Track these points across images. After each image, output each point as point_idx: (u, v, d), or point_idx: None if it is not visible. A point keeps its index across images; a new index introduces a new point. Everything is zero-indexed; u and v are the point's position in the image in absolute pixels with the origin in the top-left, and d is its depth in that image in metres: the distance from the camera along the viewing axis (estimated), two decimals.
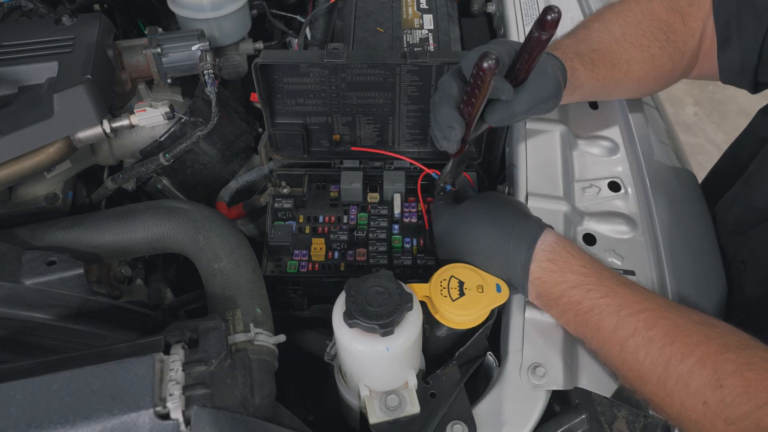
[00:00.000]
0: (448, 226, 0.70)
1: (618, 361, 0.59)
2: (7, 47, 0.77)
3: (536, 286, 0.64)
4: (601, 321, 0.60)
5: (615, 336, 0.59)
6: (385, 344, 0.55)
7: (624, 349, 0.58)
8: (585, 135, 0.87)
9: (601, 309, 0.60)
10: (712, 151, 2.55)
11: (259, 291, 0.65)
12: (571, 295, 0.62)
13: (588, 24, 0.80)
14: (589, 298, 0.61)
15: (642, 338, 0.57)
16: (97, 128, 0.75)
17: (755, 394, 0.50)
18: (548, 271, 0.63)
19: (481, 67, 0.54)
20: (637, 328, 0.58)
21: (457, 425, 0.60)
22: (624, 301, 0.60)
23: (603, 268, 0.64)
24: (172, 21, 1.04)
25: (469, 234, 0.68)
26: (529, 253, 0.64)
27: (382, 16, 1.00)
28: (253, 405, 0.54)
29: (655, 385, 0.56)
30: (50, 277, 0.62)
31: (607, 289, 0.61)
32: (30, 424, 0.44)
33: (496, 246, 0.65)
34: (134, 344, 0.50)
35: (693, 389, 0.53)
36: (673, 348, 0.55)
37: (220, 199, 0.95)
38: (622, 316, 0.59)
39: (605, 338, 0.60)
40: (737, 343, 0.54)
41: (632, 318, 0.58)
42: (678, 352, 0.55)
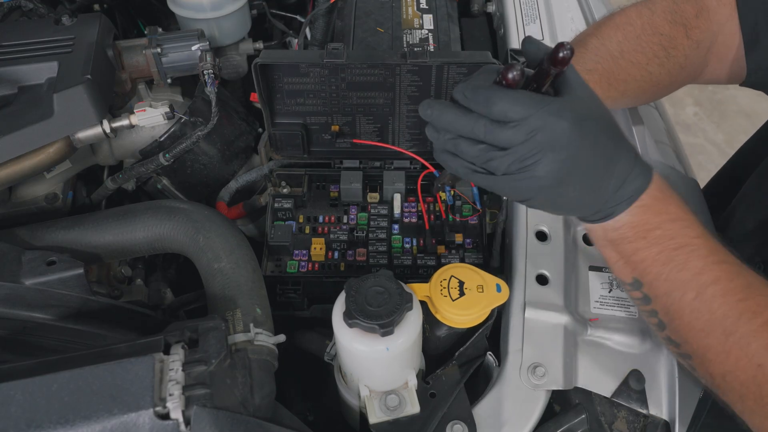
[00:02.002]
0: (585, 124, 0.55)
1: (687, 308, 0.57)
2: (7, 47, 0.77)
3: (632, 214, 0.58)
4: (688, 261, 0.57)
5: (696, 280, 0.56)
6: (385, 344, 0.56)
7: (700, 295, 0.56)
8: None
9: (692, 248, 0.57)
10: (712, 151, 2.55)
11: (259, 291, 0.65)
12: (667, 228, 0.58)
13: (585, 40, 0.77)
14: (684, 234, 0.58)
15: (722, 288, 0.56)
16: (97, 128, 0.75)
17: None
18: (656, 199, 0.59)
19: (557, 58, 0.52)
20: (719, 277, 0.56)
21: (457, 425, 0.60)
22: (712, 247, 0.58)
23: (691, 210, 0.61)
24: (172, 21, 1.04)
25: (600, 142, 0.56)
26: (647, 183, 0.58)
27: (382, 16, 1.00)
28: (253, 405, 0.54)
29: (717, 338, 0.55)
30: (50, 277, 0.62)
31: (700, 229, 0.59)
32: (30, 424, 0.44)
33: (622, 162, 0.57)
34: (134, 344, 0.50)
35: (753, 349, 0.53)
36: (746, 305, 0.54)
37: (220, 199, 0.95)
38: (710, 261, 0.57)
39: (684, 281, 0.57)
40: None
41: (717, 266, 0.57)
42: (749, 309, 0.54)
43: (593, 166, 0.56)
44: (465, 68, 0.81)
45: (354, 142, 0.89)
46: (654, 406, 0.65)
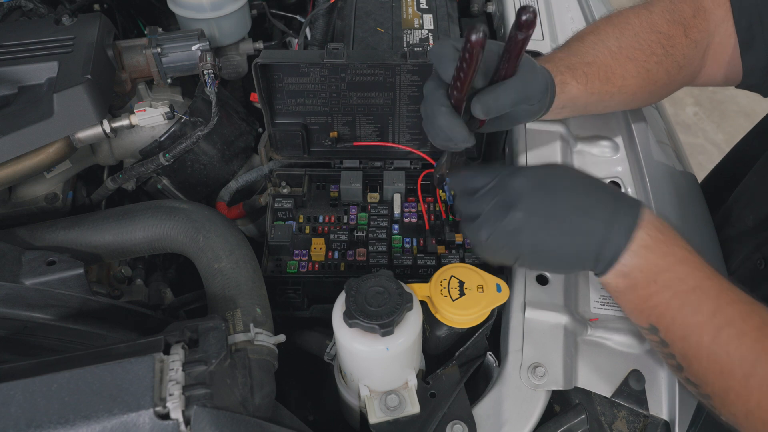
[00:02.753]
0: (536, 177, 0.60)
1: (704, 351, 0.56)
2: (7, 47, 0.77)
3: (638, 256, 0.57)
4: (701, 304, 0.56)
5: (710, 323, 0.55)
6: (385, 344, 0.55)
7: (716, 338, 0.55)
8: (585, 135, 0.87)
9: (703, 291, 0.56)
10: (712, 151, 2.55)
11: (259, 291, 0.65)
12: (676, 271, 0.57)
13: (583, 36, 0.77)
14: (694, 276, 0.57)
15: (736, 330, 0.55)
16: (97, 128, 0.75)
17: None
18: (657, 240, 0.57)
19: (470, 40, 0.54)
20: (733, 318, 0.55)
21: (457, 425, 0.60)
22: (722, 287, 0.57)
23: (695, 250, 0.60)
24: (172, 21, 1.04)
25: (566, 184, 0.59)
26: (635, 218, 0.57)
27: (382, 16, 1.00)
28: (253, 405, 0.54)
29: (738, 380, 0.54)
30: (50, 277, 0.62)
31: (709, 270, 0.58)
32: (30, 424, 0.44)
33: (600, 204, 0.58)
34: (134, 344, 0.50)
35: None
36: (762, 345, 0.54)
37: (220, 199, 0.95)
38: (722, 302, 0.56)
39: (699, 324, 0.56)
40: None
41: (730, 307, 0.56)
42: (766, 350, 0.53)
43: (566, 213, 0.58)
44: None
45: (354, 145, 0.90)
46: (654, 406, 0.65)
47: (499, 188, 0.60)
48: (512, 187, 0.59)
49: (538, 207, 0.58)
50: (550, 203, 0.58)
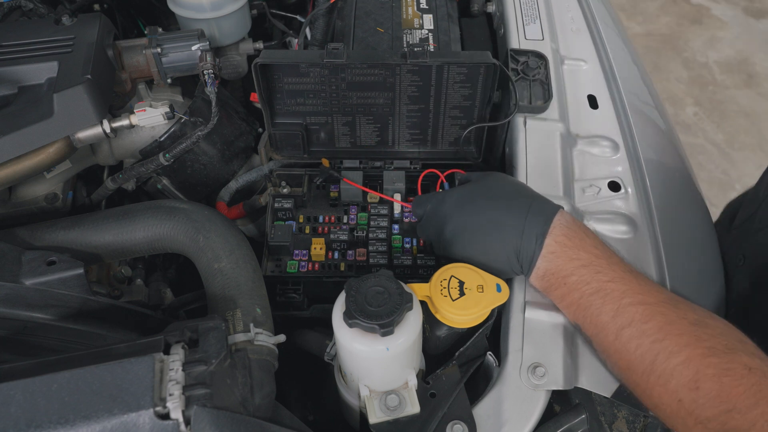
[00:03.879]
0: (460, 199, 0.70)
1: (611, 348, 0.61)
2: (7, 47, 0.77)
3: (547, 261, 0.64)
4: (603, 305, 0.61)
5: (612, 323, 0.60)
6: (385, 344, 0.55)
7: (618, 337, 0.59)
8: (585, 135, 0.87)
9: (605, 293, 0.61)
10: (712, 151, 2.55)
11: (259, 291, 0.65)
12: (580, 274, 0.62)
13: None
14: (597, 279, 0.62)
15: (636, 330, 0.58)
16: (97, 128, 0.75)
17: (727, 399, 0.52)
18: (563, 246, 0.63)
19: None
20: (633, 319, 0.59)
21: (457, 425, 0.60)
22: (628, 288, 0.61)
23: (612, 252, 0.65)
24: (172, 21, 1.04)
25: (482, 203, 0.68)
26: (546, 226, 0.64)
27: (382, 16, 1.00)
28: (253, 405, 0.54)
29: (639, 376, 0.58)
30: (50, 277, 0.62)
31: (614, 274, 0.62)
32: (30, 424, 0.44)
33: (512, 215, 0.65)
34: (134, 344, 0.50)
35: (672, 387, 0.55)
36: (662, 345, 0.57)
37: (220, 199, 0.95)
38: (623, 304, 0.60)
39: (603, 324, 0.61)
40: (724, 346, 0.55)
41: (631, 308, 0.59)
42: (666, 349, 0.56)
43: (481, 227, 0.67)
44: (465, 68, 0.81)
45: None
46: None
47: (433, 214, 0.73)
48: (442, 212, 0.71)
49: (461, 225, 0.68)
50: (470, 220, 0.68)
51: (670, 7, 3.27)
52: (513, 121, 0.85)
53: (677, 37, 3.09)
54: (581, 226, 0.66)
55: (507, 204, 0.67)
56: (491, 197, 0.69)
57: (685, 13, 3.24)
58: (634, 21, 3.18)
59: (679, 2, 3.28)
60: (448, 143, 0.90)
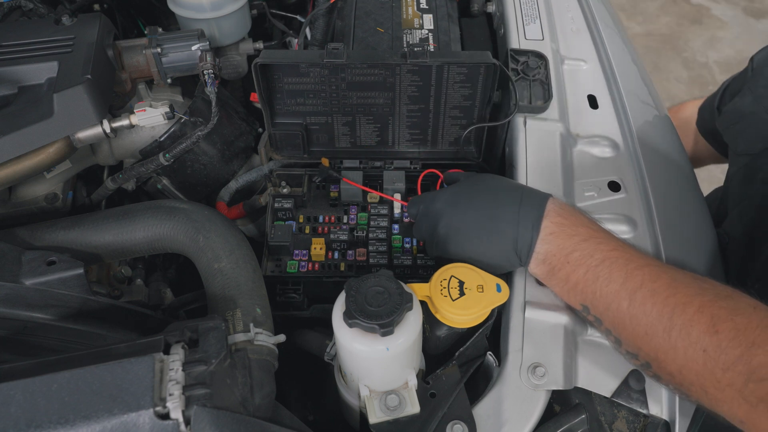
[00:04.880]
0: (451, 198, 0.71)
1: (626, 317, 0.60)
2: (7, 47, 0.77)
3: (547, 242, 0.65)
4: (612, 273, 0.61)
5: (624, 288, 0.60)
6: (385, 344, 0.55)
7: (632, 301, 0.60)
8: (585, 135, 0.87)
9: (611, 261, 0.62)
10: None
11: (259, 291, 0.65)
12: (583, 248, 0.63)
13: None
14: (600, 250, 0.63)
15: (648, 290, 0.59)
16: (97, 128, 0.75)
17: (745, 337, 0.53)
18: (561, 225, 0.65)
19: None
20: (643, 280, 0.60)
21: (457, 425, 0.60)
22: (630, 255, 0.62)
23: (603, 228, 0.67)
24: (172, 21, 1.04)
25: (474, 199, 0.69)
26: (540, 210, 0.65)
27: (382, 16, 1.00)
28: (253, 405, 0.54)
29: (661, 336, 0.58)
30: (50, 277, 0.62)
31: (614, 243, 0.64)
32: (30, 424, 0.44)
33: (506, 206, 0.67)
34: (134, 344, 0.50)
35: (694, 337, 0.55)
36: (675, 299, 0.57)
37: (220, 199, 0.95)
38: (630, 268, 0.61)
39: (615, 292, 0.61)
40: (726, 292, 0.57)
41: (639, 271, 0.60)
42: (680, 302, 0.57)
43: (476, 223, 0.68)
44: (465, 68, 0.81)
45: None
46: (654, 406, 0.65)
47: (424, 214, 0.73)
48: (433, 211, 0.71)
49: (454, 223, 0.69)
50: (463, 218, 0.69)
51: (670, 7, 3.27)
52: (513, 121, 0.85)
53: (677, 37, 3.09)
54: (573, 208, 0.68)
55: (498, 197, 0.68)
56: (482, 192, 0.70)
57: (685, 13, 3.24)
58: (634, 21, 3.18)
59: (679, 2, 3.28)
60: (448, 143, 0.90)
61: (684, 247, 0.77)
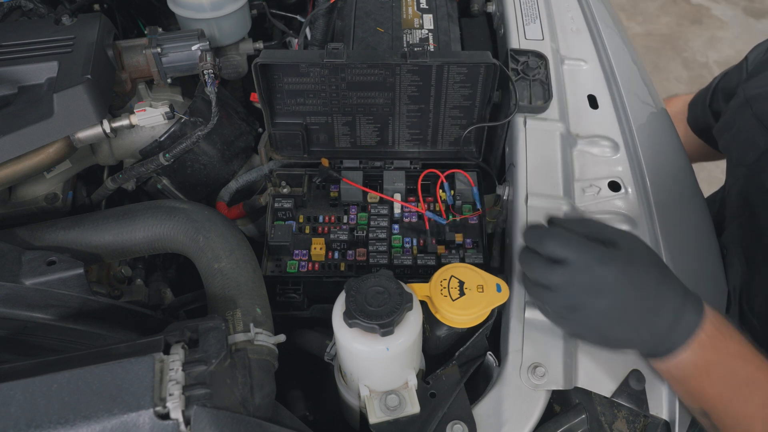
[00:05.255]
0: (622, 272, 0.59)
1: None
2: (7, 47, 0.77)
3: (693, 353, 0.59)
4: (752, 395, 0.59)
5: (761, 413, 0.58)
6: (385, 344, 0.55)
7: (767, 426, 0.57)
8: (585, 135, 0.87)
9: (755, 382, 0.59)
10: None
11: (259, 291, 0.65)
12: (728, 364, 0.60)
13: None
14: (745, 369, 0.60)
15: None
16: (97, 128, 0.75)
17: None
18: (713, 338, 0.60)
19: None
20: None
21: (457, 425, 0.60)
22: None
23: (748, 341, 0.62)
24: (172, 21, 1.04)
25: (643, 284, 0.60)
26: (699, 319, 0.59)
27: (382, 16, 1.00)
28: (253, 405, 0.54)
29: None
30: (50, 277, 0.62)
31: (760, 362, 0.60)
32: (30, 424, 0.44)
33: (668, 303, 0.60)
34: (134, 344, 0.50)
35: None
36: None
37: (220, 199, 0.95)
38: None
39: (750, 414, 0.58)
40: None
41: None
42: None
43: (637, 309, 0.59)
44: (465, 68, 0.81)
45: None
46: (654, 406, 0.65)
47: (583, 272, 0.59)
48: (599, 278, 0.58)
49: (618, 304, 0.59)
50: (630, 301, 0.59)
51: (670, 7, 3.27)
52: (513, 121, 0.85)
53: (677, 37, 3.09)
54: (725, 319, 0.62)
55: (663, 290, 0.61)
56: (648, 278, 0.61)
57: (685, 13, 3.24)
58: (634, 21, 3.18)
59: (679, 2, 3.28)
60: (448, 143, 0.90)
61: (684, 247, 0.77)
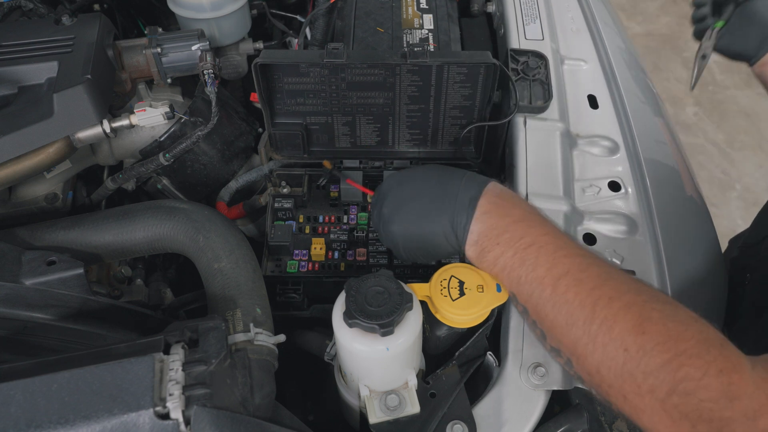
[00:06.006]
0: (397, 177, 0.70)
1: (548, 304, 0.57)
2: (7, 47, 0.77)
3: (481, 222, 0.62)
4: (538, 258, 0.59)
5: (549, 274, 0.57)
6: (385, 344, 0.55)
7: (555, 289, 0.57)
8: (585, 135, 0.87)
9: (540, 246, 0.59)
10: (712, 151, 2.55)
11: (259, 291, 0.65)
12: (514, 230, 0.61)
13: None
14: (530, 233, 0.60)
15: (573, 278, 0.56)
16: (97, 128, 0.75)
17: (675, 344, 0.49)
18: (496, 205, 0.63)
19: None
20: (570, 269, 0.57)
21: (457, 425, 0.60)
22: (562, 242, 0.60)
23: (542, 214, 0.64)
24: (172, 21, 1.04)
25: (417, 180, 0.68)
26: (479, 189, 0.64)
27: (382, 16, 1.00)
28: (253, 405, 0.54)
29: (581, 328, 0.54)
30: (50, 277, 0.62)
31: (547, 228, 0.61)
32: (30, 424, 0.44)
33: (447, 186, 0.66)
34: (134, 344, 0.50)
35: (616, 333, 0.52)
36: (601, 291, 0.55)
37: (220, 199, 0.95)
38: (559, 255, 0.58)
39: (539, 278, 0.58)
40: (666, 300, 0.54)
41: (567, 259, 0.58)
42: (605, 295, 0.54)
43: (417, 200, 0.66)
44: (465, 68, 0.81)
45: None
46: None
47: (377, 194, 0.72)
48: (380, 191, 0.71)
49: (397, 200, 0.68)
50: (405, 195, 0.67)
51: (670, 7, 3.27)
52: (513, 120, 0.85)
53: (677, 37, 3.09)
54: (513, 193, 0.66)
55: (441, 178, 0.67)
56: (428, 172, 0.69)
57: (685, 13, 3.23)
58: (634, 21, 3.18)
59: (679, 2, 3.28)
60: (448, 143, 0.90)
61: (684, 247, 0.77)
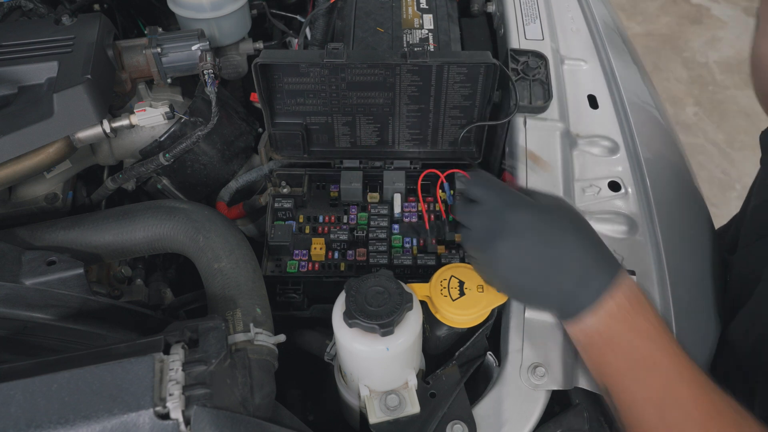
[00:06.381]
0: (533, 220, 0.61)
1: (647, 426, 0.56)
2: (7, 47, 0.77)
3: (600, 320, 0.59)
4: (651, 378, 0.57)
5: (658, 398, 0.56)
6: (385, 344, 0.56)
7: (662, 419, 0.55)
8: (585, 135, 0.87)
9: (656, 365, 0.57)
10: (712, 151, 2.55)
11: (259, 291, 0.65)
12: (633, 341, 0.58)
13: None
14: (649, 349, 0.58)
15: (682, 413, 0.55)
16: (97, 128, 0.75)
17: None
18: (623, 309, 0.58)
19: None
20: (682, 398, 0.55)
21: (457, 425, 0.60)
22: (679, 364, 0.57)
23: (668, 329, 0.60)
24: (172, 21, 1.04)
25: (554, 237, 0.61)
26: (607, 284, 0.58)
27: (382, 16, 1.00)
28: (253, 405, 0.54)
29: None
30: (50, 277, 0.62)
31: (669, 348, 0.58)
32: (30, 424, 0.44)
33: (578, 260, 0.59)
34: (134, 344, 0.50)
35: None
36: None
37: (220, 199, 0.95)
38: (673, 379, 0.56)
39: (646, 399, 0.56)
40: None
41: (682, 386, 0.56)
42: None
43: (540, 259, 0.60)
44: (465, 68, 0.81)
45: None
46: None
47: (494, 213, 0.62)
48: (507, 220, 0.61)
49: (521, 247, 0.61)
50: (532, 247, 0.60)
51: (670, 7, 3.27)
52: (513, 120, 0.85)
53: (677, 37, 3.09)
54: (644, 296, 0.60)
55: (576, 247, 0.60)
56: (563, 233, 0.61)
57: (685, 13, 3.24)
58: (634, 21, 3.18)
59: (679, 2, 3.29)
60: (448, 143, 0.90)
61: (684, 247, 0.77)
